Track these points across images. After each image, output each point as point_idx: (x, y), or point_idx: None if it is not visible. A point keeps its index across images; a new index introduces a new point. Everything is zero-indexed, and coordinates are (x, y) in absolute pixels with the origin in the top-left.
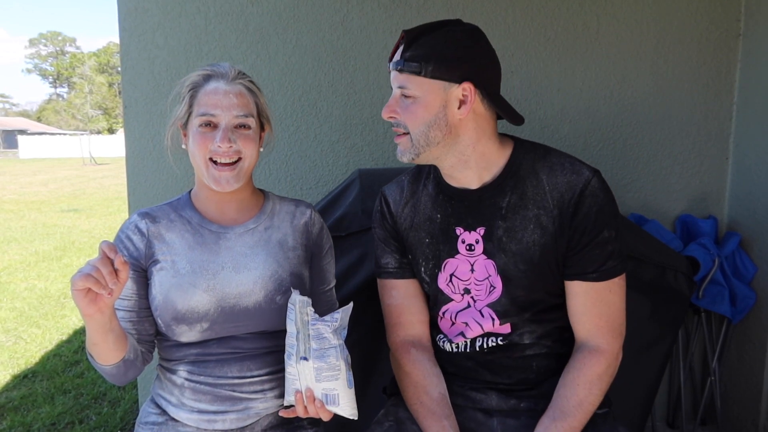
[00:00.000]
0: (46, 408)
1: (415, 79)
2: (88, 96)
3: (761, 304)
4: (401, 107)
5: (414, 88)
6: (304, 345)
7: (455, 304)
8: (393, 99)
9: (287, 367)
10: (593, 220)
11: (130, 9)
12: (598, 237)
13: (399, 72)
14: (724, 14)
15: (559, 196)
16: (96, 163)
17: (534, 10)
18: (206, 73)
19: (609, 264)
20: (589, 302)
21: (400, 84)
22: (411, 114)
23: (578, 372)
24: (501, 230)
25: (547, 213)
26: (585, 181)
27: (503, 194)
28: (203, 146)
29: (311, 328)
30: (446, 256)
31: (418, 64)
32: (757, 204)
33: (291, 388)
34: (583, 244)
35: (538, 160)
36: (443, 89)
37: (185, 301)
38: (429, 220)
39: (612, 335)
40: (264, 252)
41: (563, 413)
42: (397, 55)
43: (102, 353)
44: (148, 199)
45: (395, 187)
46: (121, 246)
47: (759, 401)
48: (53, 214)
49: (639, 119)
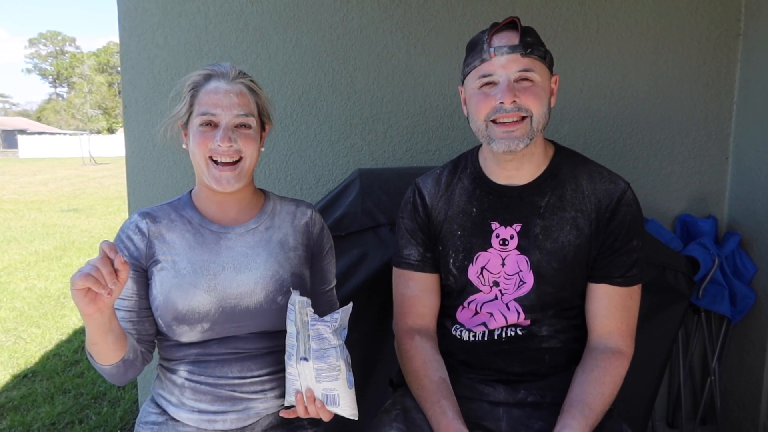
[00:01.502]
0: (46, 408)
1: (539, 64)
2: (87, 96)
3: (761, 303)
4: (520, 91)
5: (538, 72)
6: (304, 345)
7: (483, 295)
8: (508, 84)
9: (287, 367)
10: (627, 227)
11: (130, 9)
12: (629, 244)
13: (523, 55)
14: (724, 14)
15: (597, 201)
16: (96, 163)
17: (534, 10)
18: (207, 72)
19: (634, 271)
20: (612, 306)
21: (525, 67)
22: (535, 96)
23: (605, 371)
24: (538, 228)
25: (585, 216)
26: (622, 191)
27: (543, 194)
28: (203, 145)
29: (311, 328)
30: (479, 249)
31: (543, 49)
32: (757, 204)
33: (291, 388)
34: (615, 249)
35: (578, 166)
36: (549, 78)
37: (186, 301)
38: (463, 212)
39: (630, 339)
40: (265, 252)
41: (591, 410)
42: (515, 39)
43: (101, 353)
44: (148, 198)
45: (431, 180)
46: (121, 246)
47: (759, 401)
48: (53, 214)
49: (639, 119)
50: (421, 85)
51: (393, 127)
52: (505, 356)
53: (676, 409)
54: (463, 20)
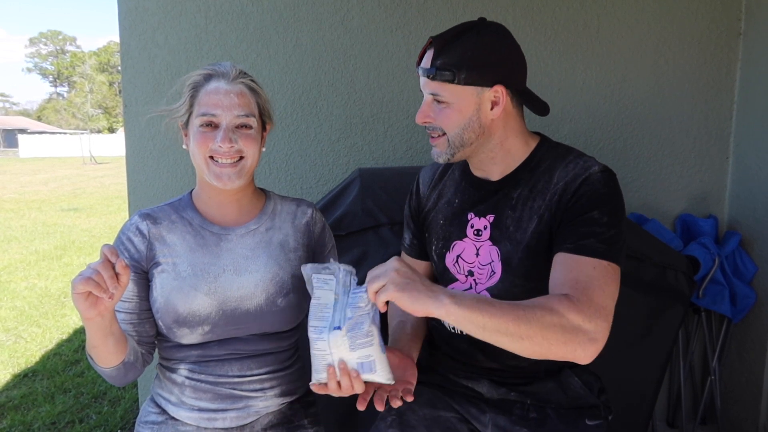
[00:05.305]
0: (47, 407)
1: (448, 86)
2: (88, 95)
3: (761, 303)
4: (435, 112)
5: (447, 95)
6: (340, 314)
7: (459, 284)
8: (425, 105)
9: (316, 342)
10: (585, 200)
11: (131, 8)
12: (585, 215)
13: (430, 79)
14: (725, 13)
15: (564, 186)
16: (96, 162)
17: (534, 10)
18: (207, 72)
19: (591, 241)
20: (566, 271)
21: (432, 91)
22: (446, 118)
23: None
24: (509, 219)
25: (547, 203)
26: (590, 173)
27: (516, 186)
28: (204, 145)
29: (351, 295)
30: (455, 238)
31: (450, 72)
32: (757, 203)
33: (321, 364)
34: (568, 219)
35: (558, 158)
36: (476, 94)
37: (186, 304)
38: (448, 203)
39: (593, 309)
40: (265, 254)
41: (486, 301)
42: (427, 62)
43: (102, 356)
44: (148, 198)
45: (429, 170)
46: (122, 247)
47: (759, 401)
48: (53, 213)
49: (639, 119)
50: None
51: (393, 126)
52: (485, 350)
53: (677, 409)
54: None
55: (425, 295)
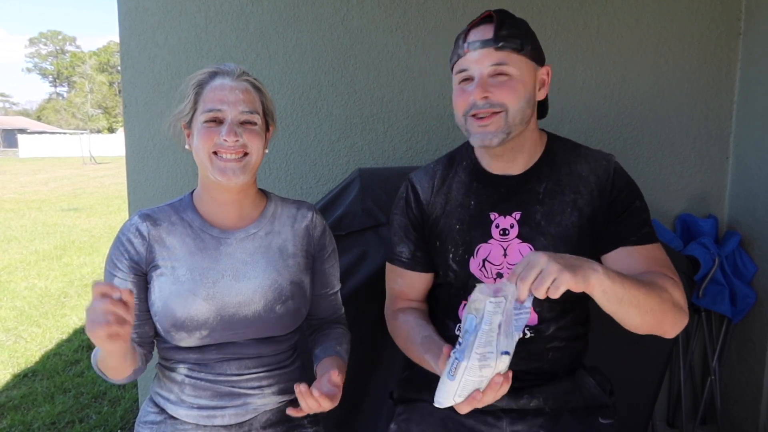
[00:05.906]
0: (47, 407)
1: (514, 56)
2: (88, 95)
3: (761, 303)
4: (494, 86)
5: (513, 66)
6: (505, 339)
7: None
8: (481, 80)
9: (482, 370)
10: (626, 191)
11: (131, 8)
12: (631, 206)
13: (496, 49)
14: (725, 13)
15: (596, 179)
16: (96, 162)
17: (534, 10)
18: (212, 70)
19: (646, 230)
20: (642, 260)
21: (498, 61)
22: (510, 90)
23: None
24: (539, 215)
25: (584, 197)
26: (614, 163)
27: (540, 180)
28: (209, 140)
29: (515, 312)
30: (479, 242)
31: (519, 41)
32: (757, 203)
33: (469, 390)
34: (619, 213)
35: (569, 151)
36: (534, 69)
37: (185, 309)
38: (461, 206)
39: (682, 288)
40: (264, 260)
41: (624, 276)
42: (488, 33)
43: (117, 372)
44: (148, 198)
45: (424, 176)
46: (121, 248)
47: (759, 401)
48: (53, 213)
49: (639, 119)
50: (421, 84)
51: (393, 126)
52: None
53: (677, 409)
54: (463, 20)
55: (587, 267)
